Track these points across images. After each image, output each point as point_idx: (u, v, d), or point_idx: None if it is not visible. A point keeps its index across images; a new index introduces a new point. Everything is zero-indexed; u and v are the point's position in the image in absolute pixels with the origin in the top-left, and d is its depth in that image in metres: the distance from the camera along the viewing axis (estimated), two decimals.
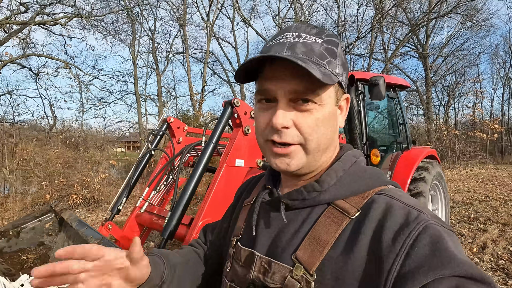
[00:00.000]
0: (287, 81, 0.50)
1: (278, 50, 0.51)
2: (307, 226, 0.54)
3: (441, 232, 0.43)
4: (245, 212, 0.69)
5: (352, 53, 15.06)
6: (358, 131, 2.98)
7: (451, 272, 0.38)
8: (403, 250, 0.43)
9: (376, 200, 0.51)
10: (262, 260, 0.56)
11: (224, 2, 16.75)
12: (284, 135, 0.52)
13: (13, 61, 9.93)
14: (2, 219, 6.34)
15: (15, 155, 8.27)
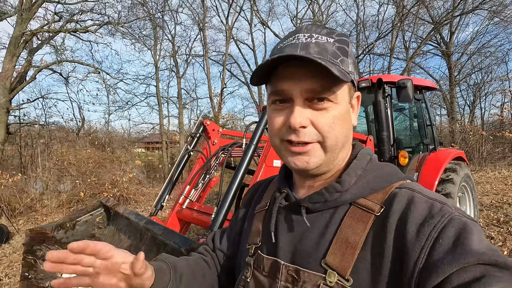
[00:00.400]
0: (303, 80, 0.51)
1: (292, 51, 0.51)
2: (332, 228, 0.53)
3: (466, 224, 0.44)
4: (260, 218, 0.67)
5: (372, 53, 14.85)
6: (386, 132, 3.04)
7: (476, 260, 0.39)
8: (428, 243, 0.43)
9: (397, 194, 0.51)
10: (289, 269, 0.54)
11: (243, 5, 17.01)
12: (302, 134, 0.52)
13: (48, 67, 10.59)
14: (41, 214, 6.80)
15: (50, 155, 8.82)
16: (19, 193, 6.98)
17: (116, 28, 10.10)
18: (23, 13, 9.21)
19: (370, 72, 17.40)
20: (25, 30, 9.74)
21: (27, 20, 9.64)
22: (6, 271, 3.84)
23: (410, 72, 14.91)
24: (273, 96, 0.55)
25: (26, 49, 10.65)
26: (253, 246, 0.63)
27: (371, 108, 4.51)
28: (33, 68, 10.67)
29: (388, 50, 15.06)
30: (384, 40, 14.78)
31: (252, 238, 0.65)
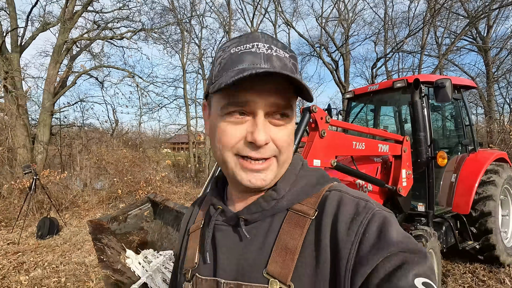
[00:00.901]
0: (269, 94, 0.49)
1: (255, 61, 0.49)
2: (272, 236, 0.53)
3: (385, 217, 0.48)
4: (196, 239, 0.64)
5: (401, 51, 14.35)
6: (423, 133, 3.00)
7: (396, 249, 0.43)
8: (357, 238, 0.46)
9: (328, 197, 0.53)
10: (230, 286, 0.52)
11: (268, 7, 17.13)
12: (263, 151, 0.51)
13: (86, 72, 11.35)
14: (84, 210, 7.33)
15: (90, 155, 9.45)
16: (64, 189, 7.57)
17: (149, 34, 10.62)
18: (66, 23, 9.94)
19: (399, 70, 16.83)
20: (67, 39, 10.50)
21: (69, 29, 10.39)
22: (61, 259, 4.22)
23: (443, 69, 14.24)
24: (232, 106, 0.50)
25: (68, 56, 11.48)
26: (189, 270, 0.60)
27: (404, 108, 4.44)
28: (73, 73, 11.49)
29: (418, 48, 14.50)
30: (414, 37, 14.26)
31: (188, 261, 0.62)
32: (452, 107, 3.91)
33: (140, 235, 2.77)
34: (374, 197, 2.80)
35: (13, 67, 9.61)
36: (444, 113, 4.10)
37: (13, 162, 8.09)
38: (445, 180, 3.48)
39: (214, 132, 0.55)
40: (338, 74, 15.81)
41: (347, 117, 4.25)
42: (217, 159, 0.56)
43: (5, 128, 8.45)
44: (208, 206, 0.65)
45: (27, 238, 5.21)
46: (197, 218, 0.68)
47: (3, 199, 6.72)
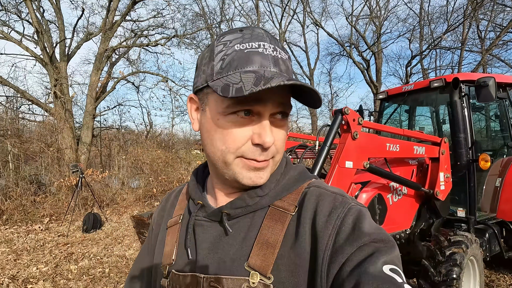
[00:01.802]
0: (276, 97, 0.49)
1: (264, 64, 0.49)
2: (254, 231, 0.54)
3: (360, 211, 0.51)
4: (173, 234, 0.62)
5: (439, 47, 13.58)
6: (463, 134, 2.86)
7: (368, 239, 0.46)
8: (334, 230, 0.49)
9: (308, 193, 0.55)
10: (211, 280, 0.53)
11: (296, 8, 17.08)
12: (267, 153, 0.52)
13: (124, 78, 12.12)
14: (121, 207, 7.81)
15: (128, 155, 10.06)
16: (105, 187, 8.14)
17: (182, 40, 11.10)
18: (107, 33, 10.69)
19: (436, 68, 15.92)
20: (107, 47, 11.27)
21: (109, 38, 11.16)
22: (104, 252, 4.58)
23: (487, 66, 13.23)
24: (238, 106, 0.49)
25: (108, 63, 12.34)
26: (166, 266, 0.60)
27: (443, 108, 4.23)
28: (113, 79, 12.31)
29: (458, 43, 13.63)
30: (453, 32, 13.42)
31: (166, 257, 0.61)
32: (496, 107, 3.67)
33: None
34: (409, 201, 2.72)
35: (61, 75, 10.53)
36: (487, 113, 3.85)
37: (61, 162, 8.86)
38: (489, 185, 3.27)
39: (212, 131, 0.53)
40: (370, 73, 15.32)
41: (380, 118, 4.14)
42: (214, 159, 0.54)
43: (54, 130, 9.27)
44: (187, 200, 0.64)
45: (74, 231, 5.69)
46: (175, 212, 0.66)
47: (53, 195, 7.39)
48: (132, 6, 11.16)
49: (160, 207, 0.74)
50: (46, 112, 10.52)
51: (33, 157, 8.78)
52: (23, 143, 8.63)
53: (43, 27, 10.37)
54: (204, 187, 0.64)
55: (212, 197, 0.62)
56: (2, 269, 3.91)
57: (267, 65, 0.49)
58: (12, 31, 10.55)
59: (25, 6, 10.04)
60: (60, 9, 10.98)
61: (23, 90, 10.00)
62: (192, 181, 0.65)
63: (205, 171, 0.67)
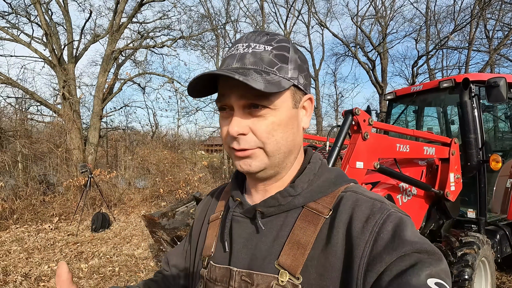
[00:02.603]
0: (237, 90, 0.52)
1: (230, 62, 0.54)
2: (286, 231, 0.55)
3: (401, 218, 0.49)
4: (215, 228, 0.67)
5: (446, 47, 13.46)
6: (473, 135, 2.85)
7: (410, 249, 0.44)
8: (371, 237, 0.47)
9: (344, 197, 0.55)
10: (242, 274, 0.55)
11: (301, 9, 17.07)
12: (242, 142, 0.53)
13: (131, 79, 12.23)
14: (129, 207, 7.88)
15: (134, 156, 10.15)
16: (112, 188, 8.23)
17: (188, 42, 11.18)
18: (114, 34, 10.81)
19: (443, 68, 15.78)
20: (114, 49, 11.39)
21: (116, 40, 11.28)
22: (113, 251, 4.63)
23: (495, 65, 13.08)
24: (218, 104, 0.57)
25: (115, 64, 12.47)
26: (206, 258, 0.63)
27: (450, 109, 4.21)
28: (119, 80, 12.44)
29: (465, 43, 13.50)
30: (460, 32, 13.29)
31: (206, 249, 0.65)
32: (507, 107, 3.64)
33: (187, 231, 2.96)
34: (419, 201, 2.72)
35: (69, 77, 10.67)
36: (497, 114, 3.82)
37: (69, 162, 8.97)
38: (499, 186, 3.25)
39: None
40: (375, 74, 15.25)
41: (388, 119, 4.14)
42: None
43: (63, 131, 9.40)
44: (228, 197, 0.68)
45: (83, 230, 5.77)
46: (217, 208, 0.71)
47: (62, 195, 7.48)
48: (139, 8, 11.27)
49: (204, 203, 0.79)
50: (54, 113, 10.66)
51: (42, 157, 8.91)
52: (32, 143, 8.76)
53: (51, 30, 10.52)
54: (244, 186, 0.67)
55: (249, 195, 0.64)
56: (15, 267, 3.98)
57: (230, 63, 0.54)
58: (22, 33, 10.73)
59: (34, 9, 10.20)
60: (68, 12, 11.13)
61: (32, 92, 10.15)
62: (233, 180, 0.68)
63: None
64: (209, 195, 0.80)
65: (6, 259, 4.26)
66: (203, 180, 9.26)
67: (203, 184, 9.49)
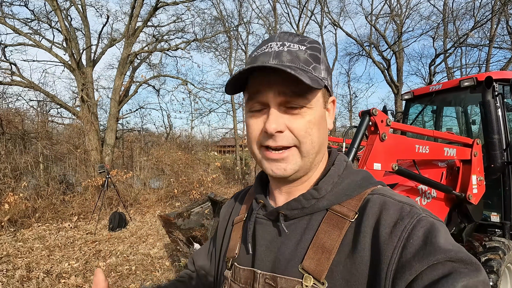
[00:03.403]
0: (276, 86, 0.51)
1: (265, 60, 0.52)
2: (309, 234, 0.54)
3: (433, 224, 0.46)
4: (238, 230, 0.66)
5: (465, 45, 13.02)
6: (497, 136, 2.74)
7: (444, 257, 0.40)
8: (400, 243, 0.44)
9: (371, 200, 0.52)
10: (266, 277, 0.54)
11: (314, 9, 16.96)
12: (279, 139, 0.52)
13: (146, 82, 12.49)
14: (144, 207, 8.03)
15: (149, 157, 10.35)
16: (128, 188, 8.41)
17: (201, 44, 11.32)
18: (130, 38, 11.08)
19: (462, 66, 15.28)
20: (130, 52, 11.67)
21: (132, 43, 11.55)
22: (130, 250, 4.73)
23: None
24: (250, 103, 0.55)
25: (130, 67, 12.77)
26: (230, 259, 0.63)
27: (471, 108, 4.06)
28: (135, 83, 12.73)
29: (486, 40, 13.02)
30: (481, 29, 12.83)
31: (230, 251, 0.65)
32: None
33: (201, 231, 2.99)
34: (439, 204, 2.63)
35: (88, 80, 11.01)
36: None
37: (87, 163, 9.25)
38: None
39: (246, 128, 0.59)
40: (390, 73, 14.94)
41: (405, 119, 4.04)
42: (250, 153, 0.60)
43: (81, 133, 9.69)
44: (252, 200, 0.67)
45: (101, 229, 5.92)
46: (241, 211, 0.70)
47: (80, 195, 7.72)
48: (154, 12, 11.50)
49: (228, 204, 0.79)
50: (73, 115, 11.03)
51: (62, 158, 9.22)
52: (53, 145, 9.09)
53: (71, 35, 10.90)
54: (267, 188, 0.67)
55: (273, 197, 0.64)
56: (37, 264, 4.13)
57: (267, 60, 0.52)
58: (43, 39, 11.16)
59: (55, 15, 10.60)
60: (87, 17, 11.50)
61: (52, 95, 10.54)
62: (256, 182, 0.67)
63: None
64: (233, 197, 0.81)
65: (29, 256, 4.43)
66: (216, 181, 9.33)
67: (217, 185, 9.57)
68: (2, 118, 8.04)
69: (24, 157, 7.98)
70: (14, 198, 6.02)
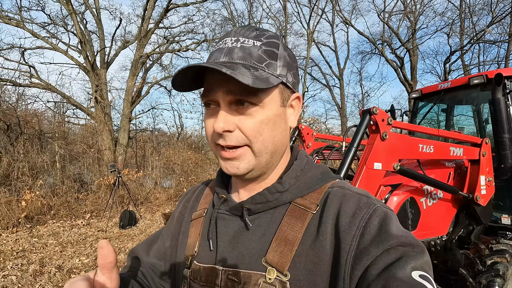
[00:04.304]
0: (223, 84, 0.50)
1: (217, 56, 0.52)
2: (273, 227, 0.54)
3: (386, 213, 0.49)
4: (197, 227, 0.64)
5: (483, 41, 12.57)
6: (507, 135, 2.63)
7: (396, 242, 0.44)
8: (358, 231, 0.47)
9: (331, 193, 0.55)
10: (229, 273, 0.54)
11: (325, 7, 16.81)
12: (228, 139, 0.52)
13: (157, 82, 12.73)
14: (154, 205, 8.17)
15: (160, 156, 10.53)
16: (139, 187, 8.59)
17: (211, 44, 11.43)
18: (142, 40, 11.32)
19: (479, 64, 14.76)
20: (142, 54, 11.91)
21: (144, 45, 11.79)
22: None
23: None
24: (203, 100, 0.55)
25: (143, 69, 13.04)
26: (189, 257, 0.61)
27: (483, 107, 3.93)
28: (147, 84, 12.98)
29: (505, 36, 12.53)
30: (499, 24, 12.36)
31: (189, 249, 0.63)
32: None
33: None
34: (446, 205, 2.57)
35: (101, 81, 11.32)
36: None
37: (101, 162, 9.51)
38: None
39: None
40: (404, 71, 14.61)
41: (414, 118, 3.95)
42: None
43: (95, 133, 9.98)
44: (212, 194, 0.67)
45: (112, 227, 6.08)
46: (200, 206, 0.68)
47: (94, 193, 7.94)
48: (165, 14, 11.70)
49: (186, 198, 0.76)
50: (88, 116, 11.37)
51: (77, 157, 9.53)
52: (68, 144, 9.40)
53: (86, 38, 11.24)
54: (229, 183, 0.66)
55: (235, 192, 0.63)
56: (50, 259, 4.29)
57: (218, 57, 0.52)
58: (60, 42, 11.55)
59: (70, 19, 10.95)
60: (101, 20, 11.81)
61: (68, 96, 10.89)
62: (218, 177, 0.66)
63: None
64: (191, 190, 0.77)
65: (43, 251, 4.60)
66: None
67: None
68: (20, 119, 8.38)
69: (41, 156, 8.29)
70: (30, 195, 6.27)
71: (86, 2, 11.13)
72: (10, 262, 4.05)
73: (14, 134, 8.38)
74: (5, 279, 3.56)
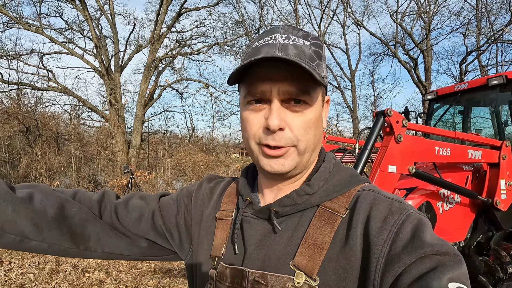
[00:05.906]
0: (281, 81, 0.49)
1: (270, 51, 0.49)
2: (301, 231, 0.53)
3: (420, 219, 0.48)
4: (225, 228, 0.63)
5: (501, 41, 12.18)
6: None
7: (430, 251, 0.42)
8: (390, 237, 0.46)
9: (361, 196, 0.53)
10: (256, 275, 0.53)
11: (336, 9, 16.70)
12: (278, 138, 0.51)
13: (170, 85, 12.92)
14: None
15: (172, 158, 10.66)
16: (151, 188, 8.71)
17: (222, 48, 11.54)
18: (155, 44, 11.53)
19: (497, 64, 14.31)
20: (155, 57, 12.13)
21: (156, 49, 12.01)
22: None
23: None
24: (249, 96, 0.53)
25: (155, 72, 13.27)
26: (215, 258, 0.61)
27: (501, 108, 3.79)
28: (159, 87, 13.20)
29: None
30: None
31: (215, 249, 0.62)
32: None
33: None
34: (463, 210, 2.49)
35: (116, 85, 11.59)
36: None
37: (114, 163, 9.71)
38: None
39: (241, 121, 0.57)
40: (418, 73, 14.32)
41: (429, 120, 3.85)
42: (246, 149, 0.58)
43: (109, 135, 10.20)
44: (236, 195, 0.66)
45: None
46: (225, 205, 0.66)
47: None
48: (177, 18, 11.89)
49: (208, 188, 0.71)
50: (102, 118, 11.64)
51: (91, 159, 9.76)
52: (83, 146, 9.65)
53: (101, 42, 11.54)
54: (255, 185, 0.65)
55: (261, 193, 0.63)
56: (65, 258, 4.39)
57: (272, 52, 0.49)
58: (76, 47, 11.91)
59: (86, 24, 11.28)
60: (115, 25, 12.11)
61: (84, 99, 11.19)
62: (242, 178, 0.65)
63: (255, 170, 0.67)
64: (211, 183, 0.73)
65: None
66: None
67: None
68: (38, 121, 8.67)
69: (57, 157, 8.53)
70: None
71: (101, 8, 11.44)
72: (28, 260, 4.18)
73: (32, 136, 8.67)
74: (23, 277, 3.67)
